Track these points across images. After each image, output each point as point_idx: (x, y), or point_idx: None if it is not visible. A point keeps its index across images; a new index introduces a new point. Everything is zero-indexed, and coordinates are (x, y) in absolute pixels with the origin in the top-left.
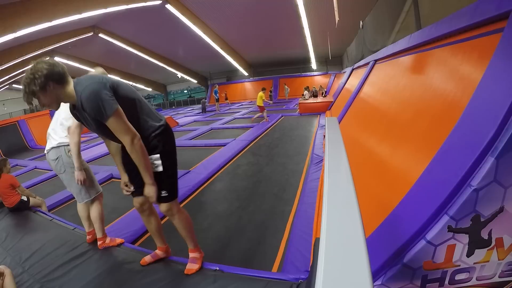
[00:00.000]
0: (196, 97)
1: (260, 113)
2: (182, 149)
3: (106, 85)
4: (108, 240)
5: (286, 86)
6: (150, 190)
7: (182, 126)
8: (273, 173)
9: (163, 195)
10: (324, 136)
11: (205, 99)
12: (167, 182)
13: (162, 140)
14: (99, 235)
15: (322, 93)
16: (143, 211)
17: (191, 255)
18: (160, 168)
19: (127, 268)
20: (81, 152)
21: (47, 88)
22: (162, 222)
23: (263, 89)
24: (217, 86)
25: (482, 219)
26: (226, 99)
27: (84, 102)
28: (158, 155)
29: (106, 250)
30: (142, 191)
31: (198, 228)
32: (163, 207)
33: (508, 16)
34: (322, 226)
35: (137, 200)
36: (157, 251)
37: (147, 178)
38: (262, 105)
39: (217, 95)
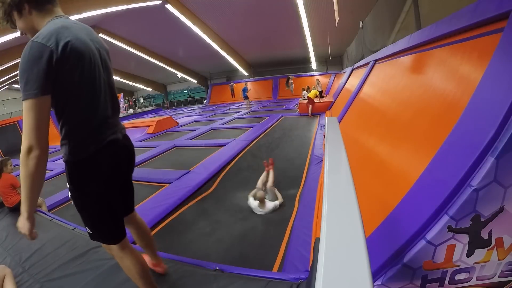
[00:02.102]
0: (196, 97)
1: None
2: (182, 149)
3: (49, 50)
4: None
5: (291, 81)
6: (20, 223)
7: (182, 126)
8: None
9: (87, 231)
10: (324, 136)
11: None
12: (84, 219)
13: (71, 169)
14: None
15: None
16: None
17: None
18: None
19: None
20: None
21: (22, 10)
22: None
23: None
24: (246, 83)
25: (482, 219)
26: (233, 96)
27: None
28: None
29: (106, 250)
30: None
31: (198, 228)
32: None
33: (508, 16)
34: (322, 226)
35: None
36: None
37: (22, 207)
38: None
39: (246, 92)
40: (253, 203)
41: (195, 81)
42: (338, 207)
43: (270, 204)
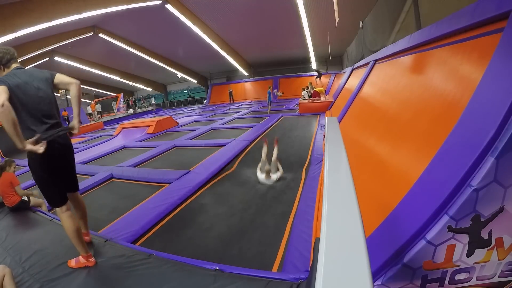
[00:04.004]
0: (196, 97)
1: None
2: (182, 149)
3: (4, 82)
4: None
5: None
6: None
7: (182, 126)
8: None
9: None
10: (324, 136)
11: (205, 99)
12: (40, 190)
13: (29, 161)
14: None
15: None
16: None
17: (80, 257)
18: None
19: (127, 268)
20: (81, 152)
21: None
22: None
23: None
24: (270, 87)
25: (482, 219)
26: (232, 101)
27: None
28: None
29: (106, 250)
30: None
31: (199, 228)
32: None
33: (508, 16)
34: (322, 226)
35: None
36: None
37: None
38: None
39: (271, 97)
40: (260, 175)
41: (195, 81)
42: (338, 207)
43: (274, 176)
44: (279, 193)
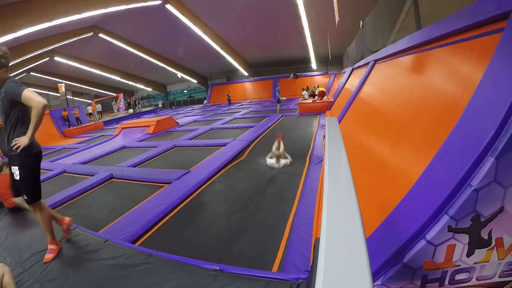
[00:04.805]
0: (196, 97)
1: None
2: (182, 149)
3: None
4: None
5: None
6: (22, 139)
7: (182, 126)
8: (273, 173)
9: (25, 198)
10: (324, 136)
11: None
12: (25, 189)
13: (25, 159)
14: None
15: (315, 94)
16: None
17: (49, 246)
18: (18, 177)
19: (127, 268)
20: (81, 153)
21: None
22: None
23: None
24: (279, 85)
25: (482, 219)
26: (230, 103)
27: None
28: (16, 167)
29: (106, 250)
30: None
31: (198, 228)
32: (30, 206)
33: (508, 16)
34: (322, 226)
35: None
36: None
37: (29, 132)
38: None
39: (279, 94)
40: (270, 160)
41: (195, 81)
42: (338, 207)
43: (283, 161)
44: (279, 190)
